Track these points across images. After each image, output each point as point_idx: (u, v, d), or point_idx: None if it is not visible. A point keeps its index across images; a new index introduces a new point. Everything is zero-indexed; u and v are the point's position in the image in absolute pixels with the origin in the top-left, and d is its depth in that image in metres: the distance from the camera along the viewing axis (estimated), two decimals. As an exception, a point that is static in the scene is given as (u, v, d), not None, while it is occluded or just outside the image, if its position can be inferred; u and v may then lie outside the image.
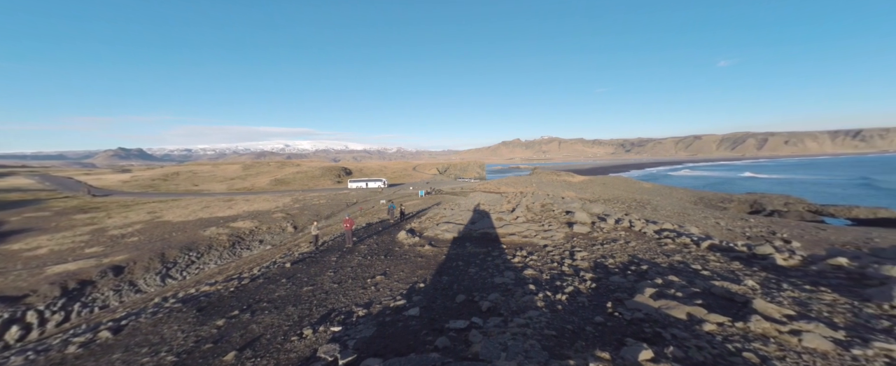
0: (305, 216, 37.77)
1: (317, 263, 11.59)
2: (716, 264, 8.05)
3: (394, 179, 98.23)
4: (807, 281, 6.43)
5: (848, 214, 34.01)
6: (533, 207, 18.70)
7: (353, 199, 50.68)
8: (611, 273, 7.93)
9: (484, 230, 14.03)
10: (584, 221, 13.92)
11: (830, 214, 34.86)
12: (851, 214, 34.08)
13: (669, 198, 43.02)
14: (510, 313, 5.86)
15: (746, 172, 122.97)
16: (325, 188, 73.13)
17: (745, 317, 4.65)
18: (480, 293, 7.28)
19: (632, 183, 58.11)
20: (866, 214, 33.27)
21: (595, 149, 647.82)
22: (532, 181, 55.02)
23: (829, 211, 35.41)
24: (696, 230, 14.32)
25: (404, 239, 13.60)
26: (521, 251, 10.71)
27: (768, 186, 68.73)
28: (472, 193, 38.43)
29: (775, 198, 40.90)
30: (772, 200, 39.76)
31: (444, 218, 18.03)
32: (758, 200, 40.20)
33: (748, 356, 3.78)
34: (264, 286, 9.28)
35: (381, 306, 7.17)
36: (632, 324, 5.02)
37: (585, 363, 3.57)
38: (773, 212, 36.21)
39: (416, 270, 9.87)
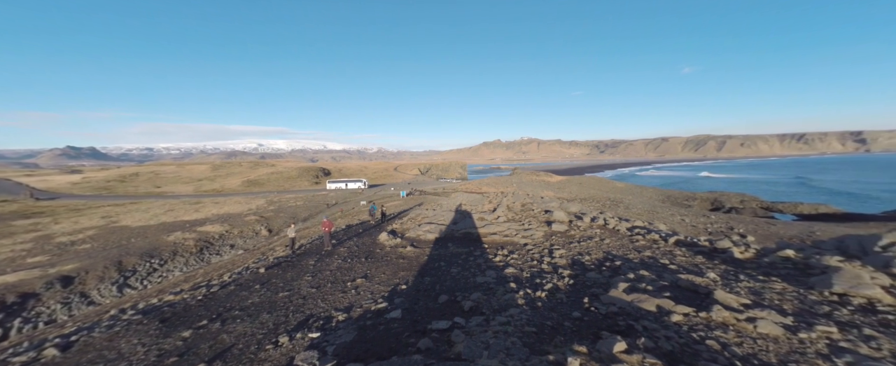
0: (281, 219, 36.27)
1: (294, 267, 11.16)
2: (682, 259, 8.58)
3: (374, 179, 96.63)
4: (760, 272, 7.01)
5: (794, 210, 37.52)
6: (513, 207, 19.06)
7: (332, 200, 49.30)
8: (587, 270, 8.24)
9: (466, 230, 14.12)
10: (562, 219, 14.38)
11: (779, 210, 38.30)
12: (797, 210, 37.63)
13: (640, 197, 45.45)
14: (492, 312, 5.93)
15: (704, 172, 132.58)
16: (303, 189, 70.61)
17: (708, 307, 4.99)
18: (463, 293, 7.31)
19: (606, 183, 60.85)
20: (809, 210, 36.87)
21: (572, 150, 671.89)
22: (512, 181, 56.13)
23: (778, 207, 38.89)
24: (664, 227, 15.21)
25: (385, 241, 13.40)
26: (502, 250, 10.88)
27: (722, 185, 74.49)
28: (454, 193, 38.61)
29: (733, 196, 44.32)
30: (729, 198, 43.05)
31: (426, 219, 17.96)
32: (718, 198, 43.38)
33: (711, 344, 4.06)
34: (236, 293, 8.79)
35: (361, 310, 7.01)
36: (607, 318, 5.24)
37: (564, 358, 3.68)
38: (730, 209, 39.21)
39: (397, 272, 9.75)
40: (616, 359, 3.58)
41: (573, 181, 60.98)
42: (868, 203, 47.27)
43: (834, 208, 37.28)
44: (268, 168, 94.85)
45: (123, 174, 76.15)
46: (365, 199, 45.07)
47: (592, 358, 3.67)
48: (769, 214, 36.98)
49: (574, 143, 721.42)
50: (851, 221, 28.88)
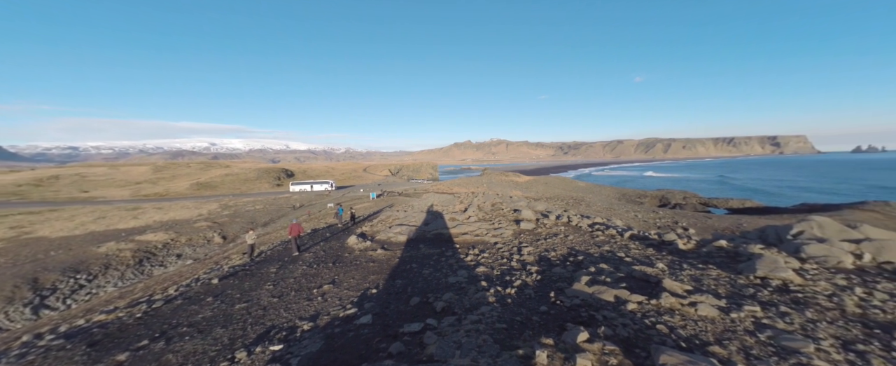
0: (237, 224, 33.57)
1: (252, 276, 10.37)
2: (635, 251, 9.34)
3: (342, 180, 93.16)
4: (699, 261, 7.86)
5: (725, 205, 42.62)
6: (484, 207, 19.45)
7: (297, 203, 46.69)
8: (553, 265, 8.65)
9: (437, 231, 14.12)
10: (530, 218, 14.95)
11: (714, 205, 43.26)
12: (728, 204, 42.80)
13: (599, 195, 48.77)
14: (464, 311, 5.99)
15: (649, 172, 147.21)
16: (263, 192, 65.98)
17: (658, 295, 5.48)
18: (435, 294, 7.30)
19: (569, 182, 64.46)
20: (737, 205, 42.10)
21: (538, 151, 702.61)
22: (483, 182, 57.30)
23: (714, 203, 43.92)
24: (620, 223, 16.44)
25: (355, 244, 12.97)
26: (473, 250, 11.03)
27: (662, 183, 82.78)
28: (426, 194, 38.51)
29: (677, 193, 49.21)
30: (674, 195, 47.75)
31: (398, 220, 17.69)
32: (665, 196, 47.92)
33: (660, 328, 4.46)
34: (184, 308, 7.96)
35: (329, 318, 6.70)
36: (571, 310, 5.53)
37: (533, 351, 3.81)
38: (675, 205, 43.53)
39: (368, 276, 9.47)
40: (579, 348, 3.79)
41: (539, 181, 63.78)
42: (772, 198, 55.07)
43: (757, 203, 42.94)
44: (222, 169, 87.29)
45: (40, 177, 65.52)
46: (332, 201, 43.28)
47: (558, 349, 3.85)
48: (706, 208, 41.62)
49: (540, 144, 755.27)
50: (770, 214, 33.51)
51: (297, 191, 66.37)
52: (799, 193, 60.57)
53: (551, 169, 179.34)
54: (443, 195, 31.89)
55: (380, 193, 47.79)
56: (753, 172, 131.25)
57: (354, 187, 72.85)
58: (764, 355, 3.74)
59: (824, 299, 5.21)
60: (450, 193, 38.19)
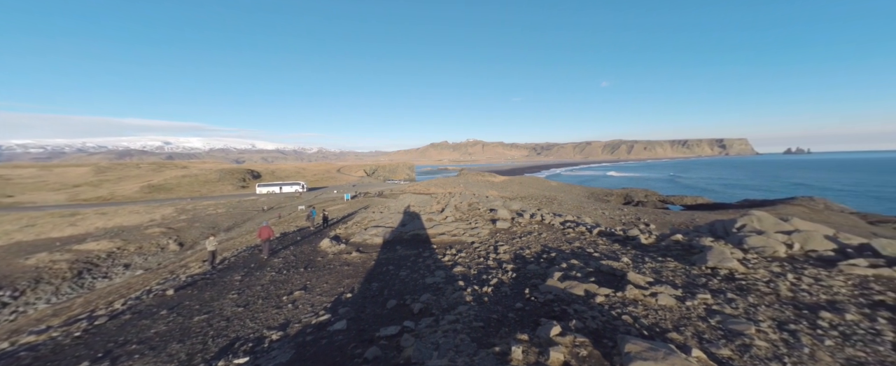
0: (196, 230, 31.12)
1: (214, 285, 9.66)
2: (603, 247, 9.87)
3: (314, 182, 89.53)
4: (659, 254, 8.47)
5: (681, 202, 46.38)
6: (461, 207, 19.59)
7: (264, 205, 44.18)
8: (528, 262, 8.90)
9: (414, 232, 14.01)
10: (505, 217, 15.29)
11: (672, 202, 46.93)
12: (683, 201, 46.61)
13: (570, 194, 51.03)
14: (441, 312, 5.98)
15: (611, 172, 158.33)
16: (225, 195, 61.71)
17: (623, 287, 5.82)
18: (412, 296, 7.23)
19: (542, 182, 66.83)
20: (691, 202, 45.97)
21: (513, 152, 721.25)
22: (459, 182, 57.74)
23: (671, 200, 47.64)
24: (589, 220, 17.29)
25: (328, 247, 12.52)
26: (450, 250, 11.07)
27: (622, 182, 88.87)
28: (402, 194, 38.06)
29: (639, 192, 52.76)
30: (637, 194, 51.16)
31: (373, 222, 17.32)
32: (628, 194, 51.20)
33: (625, 318, 4.75)
34: (133, 323, 7.23)
35: (300, 325, 6.40)
36: (545, 305, 5.72)
37: (509, 347, 3.89)
38: (638, 202, 46.63)
39: (342, 280, 9.18)
40: (553, 342, 3.93)
41: (514, 181, 65.48)
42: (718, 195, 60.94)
43: (707, 200, 47.16)
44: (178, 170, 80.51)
45: (-53, 180, 56.58)
46: (303, 203, 41.44)
47: (533, 344, 3.97)
48: (665, 205, 45.02)
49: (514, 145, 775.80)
50: (718, 210, 36.93)
51: (265, 193, 62.84)
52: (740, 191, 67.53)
53: (525, 169, 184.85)
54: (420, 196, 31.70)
55: (354, 195, 46.53)
56: (701, 171, 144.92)
57: (328, 189, 70.34)
58: (714, 339, 4.10)
59: (763, 285, 5.82)
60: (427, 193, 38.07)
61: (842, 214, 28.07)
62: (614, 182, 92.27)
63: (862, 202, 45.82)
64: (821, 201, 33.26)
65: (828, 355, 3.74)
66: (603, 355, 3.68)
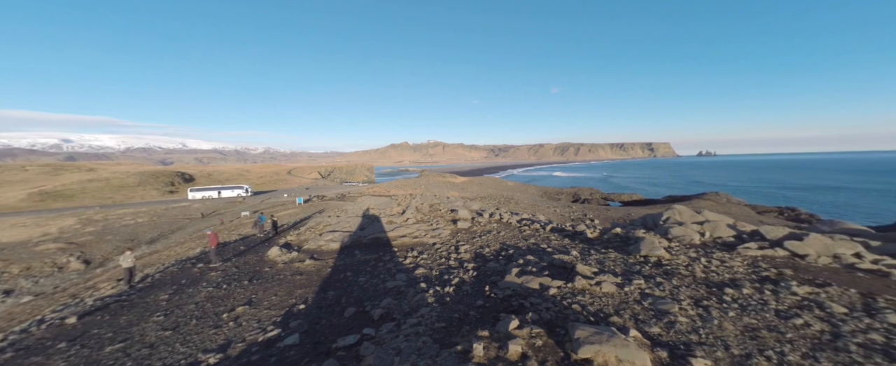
0: (108, 244, 26.48)
1: (133, 307, 8.30)
2: (555, 242, 10.61)
3: (261, 185, 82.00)
4: (602, 246, 9.37)
5: (620, 199, 51.91)
6: (422, 208, 19.51)
7: (198, 213, 39.21)
8: (487, 260, 9.19)
9: (374, 235, 13.59)
10: (466, 217, 15.61)
11: (612, 199, 52.28)
12: (621, 198, 52.22)
13: (526, 193, 53.97)
14: (403, 316, 5.88)
15: (556, 172, 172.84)
16: (148, 201, 53.45)
17: (572, 278, 6.32)
18: (372, 302, 7.00)
19: (500, 182, 69.64)
20: (628, 198, 51.71)
21: (472, 153, 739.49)
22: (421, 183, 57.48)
23: (612, 197, 53.06)
24: (543, 217, 18.44)
25: (277, 256, 11.54)
26: (412, 252, 10.96)
27: (565, 182, 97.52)
28: (361, 197, 36.67)
29: (585, 190, 57.82)
30: (583, 192, 56.00)
31: (329, 227, 16.41)
32: (576, 193, 55.80)
33: (575, 307, 5.15)
34: (14, 363, 5.88)
35: (244, 345, 5.80)
36: (504, 301, 5.95)
37: (470, 345, 3.97)
38: (584, 200, 51.06)
39: (293, 291, 8.53)
40: (511, 335, 4.10)
41: (474, 182, 67.22)
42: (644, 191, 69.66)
43: (640, 196, 53.42)
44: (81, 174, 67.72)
45: None
46: (248, 208, 37.62)
47: (493, 339, 4.10)
48: (606, 202, 49.93)
49: (474, 146, 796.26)
50: (649, 205, 42.05)
51: (199, 198, 55.76)
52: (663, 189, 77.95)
53: (485, 170, 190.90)
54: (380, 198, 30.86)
55: (308, 198, 43.58)
56: (631, 171, 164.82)
57: (277, 192, 64.82)
58: (646, 319, 4.65)
59: (683, 268, 6.77)
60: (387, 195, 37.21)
61: (738, 206, 33.93)
62: (561, 182, 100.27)
63: (752, 196, 56.10)
64: (723, 196, 39.79)
65: (730, 324, 4.47)
66: (556, 344, 3.94)
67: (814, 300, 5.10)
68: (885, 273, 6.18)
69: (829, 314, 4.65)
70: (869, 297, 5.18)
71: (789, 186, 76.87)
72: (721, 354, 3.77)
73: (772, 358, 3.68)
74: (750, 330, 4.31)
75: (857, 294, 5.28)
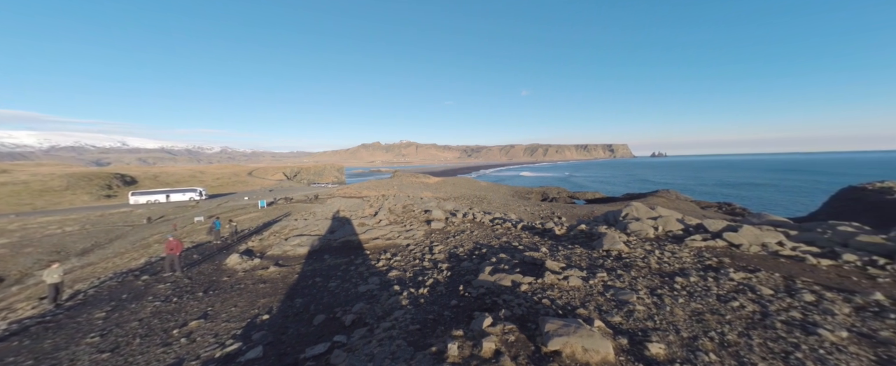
0: (28, 258, 23.00)
1: (60, 329, 7.27)
2: (526, 240, 10.97)
3: (218, 187, 75.84)
4: (569, 242, 9.86)
5: (584, 197, 55.04)
6: (395, 210, 19.21)
7: (142, 219, 35.35)
8: (461, 260, 9.27)
9: (345, 238, 13.14)
10: (440, 217, 15.62)
11: (578, 197, 55.28)
12: (585, 196, 55.40)
13: (498, 193, 55.27)
14: (376, 320, 5.74)
15: (524, 172, 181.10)
16: (79, 207, 47.18)
17: (542, 274, 6.57)
18: (343, 307, 6.75)
19: (473, 182, 70.66)
20: (592, 196, 54.98)
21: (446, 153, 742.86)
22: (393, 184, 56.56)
23: (577, 195, 56.09)
24: (514, 216, 18.98)
25: (237, 264, 10.74)
26: (385, 254, 10.75)
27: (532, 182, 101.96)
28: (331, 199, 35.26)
29: (553, 189, 60.54)
30: (551, 191, 58.61)
31: (296, 230, 15.58)
32: (545, 192, 58.24)
33: (545, 302, 5.36)
34: None
35: (198, 362, 5.32)
36: (478, 299, 6.04)
37: (445, 345, 3.97)
38: (552, 198, 53.46)
39: (256, 301, 7.98)
40: (485, 333, 4.17)
41: (448, 182, 67.54)
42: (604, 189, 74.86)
43: (602, 194, 57.03)
44: (-6, 176, 58.28)
45: None
46: (203, 213, 34.56)
47: (467, 338, 4.13)
48: (572, 200, 52.69)
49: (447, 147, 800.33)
50: (611, 202, 45.02)
51: (143, 203, 50.30)
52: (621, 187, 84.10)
53: (458, 170, 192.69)
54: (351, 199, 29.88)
55: (272, 201, 41.04)
56: (591, 171, 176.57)
57: (236, 195, 60.28)
58: (609, 309, 4.96)
59: (640, 260, 7.32)
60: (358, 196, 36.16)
61: (685, 202, 37.49)
62: (530, 181, 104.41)
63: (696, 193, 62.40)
64: (673, 193, 43.75)
65: (680, 309, 4.92)
66: (528, 338, 4.07)
67: (747, 284, 5.76)
68: (802, 258, 7.17)
69: (759, 296, 5.28)
70: (790, 279, 5.97)
71: (725, 184, 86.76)
72: (673, 337, 4.12)
73: (714, 338, 4.10)
74: (696, 314, 4.77)
75: (780, 277, 6.06)
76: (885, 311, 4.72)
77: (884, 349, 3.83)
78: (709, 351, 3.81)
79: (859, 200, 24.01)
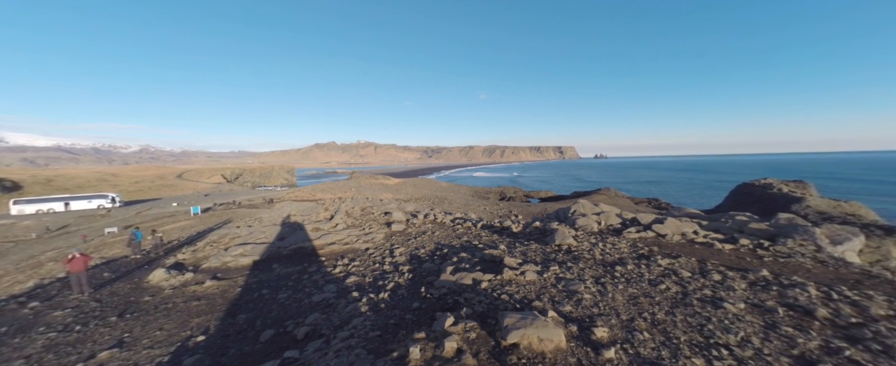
0: None
1: None
2: (486, 238, 11.31)
3: (138, 192, 65.30)
4: (524, 239, 10.40)
5: (538, 195, 58.66)
6: (353, 213, 18.41)
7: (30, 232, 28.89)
8: (423, 261, 9.21)
9: (297, 245, 12.22)
10: (401, 219, 15.36)
11: (533, 196, 58.72)
12: (539, 195, 59.10)
13: (458, 193, 56.21)
14: (333, 330, 5.43)
15: (477, 173, 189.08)
16: (-65, 220, 36.74)
17: (501, 271, 6.83)
18: (295, 320, 6.26)
19: (434, 183, 70.90)
20: (545, 195, 58.83)
21: (406, 154, 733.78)
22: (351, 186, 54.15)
23: (532, 194, 59.57)
24: (474, 216, 19.45)
25: (163, 280, 9.35)
26: (342, 260, 10.23)
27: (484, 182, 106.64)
28: (280, 203, 32.50)
29: (510, 189, 63.48)
30: (509, 191, 61.40)
31: (239, 239, 14.07)
32: (503, 191, 60.81)
33: (504, 297, 5.57)
34: None
35: (113, 399, 4.49)
36: (440, 300, 6.05)
37: (407, 349, 3.90)
38: (510, 198, 56.04)
39: (188, 321, 7.02)
40: (447, 333, 4.19)
41: (409, 183, 66.77)
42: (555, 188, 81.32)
43: (554, 193, 61.38)
44: None
45: None
46: (117, 223, 29.36)
47: (430, 339, 4.11)
48: (528, 199, 55.80)
49: (407, 148, 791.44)
50: (561, 200, 48.60)
51: (31, 213, 41.21)
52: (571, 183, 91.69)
53: (419, 171, 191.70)
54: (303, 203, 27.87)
55: (208, 207, 36.50)
56: (537, 172, 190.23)
57: (162, 201, 52.46)
58: (561, 300, 5.34)
59: (587, 253, 8.02)
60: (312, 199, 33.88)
61: (623, 199, 42.07)
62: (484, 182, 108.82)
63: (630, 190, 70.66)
64: (613, 191, 48.83)
65: (620, 295, 5.49)
66: (488, 334, 4.19)
67: (671, 269, 6.65)
68: (711, 244, 8.50)
69: (680, 279, 6.13)
70: (703, 262, 7.03)
71: (652, 182, 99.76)
72: (614, 321, 4.58)
73: (647, 318, 4.65)
74: (633, 298, 5.36)
75: (695, 261, 7.11)
76: (769, 284, 5.81)
77: (769, 316, 4.71)
78: (643, 330, 4.31)
79: (750, 194, 29.31)
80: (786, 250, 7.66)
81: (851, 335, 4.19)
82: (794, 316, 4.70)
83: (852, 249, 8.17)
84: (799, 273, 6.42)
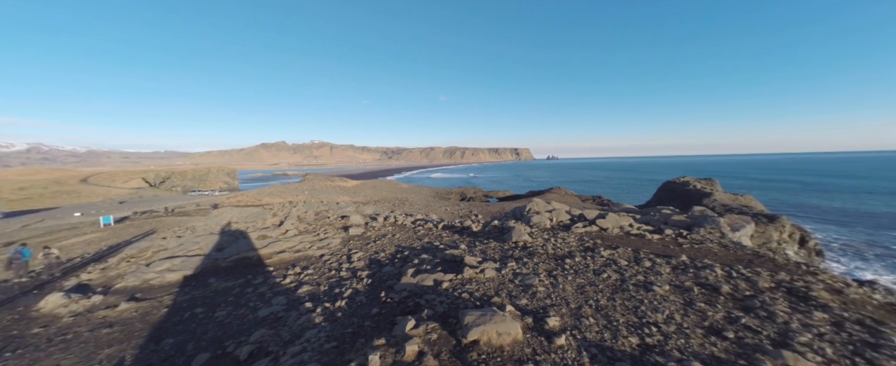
0: None
1: None
2: (447, 239, 11.40)
3: (25, 201, 53.44)
4: (484, 237, 10.71)
5: (497, 195, 60.97)
6: (305, 217, 17.22)
7: None
8: (383, 265, 8.96)
9: (239, 255, 11.04)
10: (359, 222, 14.77)
11: (492, 196, 60.81)
12: (498, 194, 61.44)
13: (419, 194, 55.89)
14: (283, 346, 5.00)
15: (436, 174, 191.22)
16: None
17: (461, 270, 6.93)
18: (237, 339, 5.64)
19: (394, 184, 69.53)
20: (503, 195, 61.33)
21: (364, 155, 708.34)
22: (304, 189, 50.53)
23: (491, 194, 61.69)
24: (435, 217, 19.49)
25: (61, 306, 7.77)
26: (294, 269, 9.49)
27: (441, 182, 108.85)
28: (220, 209, 29.05)
29: (470, 189, 65.00)
30: (469, 191, 62.83)
31: (165, 252, 12.27)
32: (463, 192, 62.00)
33: (465, 296, 5.66)
34: None
35: None
36: (400, 303, 5.93)
37: (365, 358, 3.74)
38: (470, 198, 57.35)
39: (96, 353, 5.92)
40: (408, 337, 4.12)
41: (368, 185, 64.50)
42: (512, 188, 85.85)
43: (511, 192, 64.33)
44: None
45: None
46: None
47: (390, 345, 4.00)
48: (487, 199, 57.66)
49: (366, 148, 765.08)
50: (518, 199, 51.12)
51: None
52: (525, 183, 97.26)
53: (379, 173, 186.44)
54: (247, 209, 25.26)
55: (124, 217, 31.22)
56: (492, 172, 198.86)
57: (60, 211, 43.61)
58: (517, 294, 5.60)
59: (540, 248, 8.53)
60: (258, 204, 30.88)
61: (571, 197, 45.69)
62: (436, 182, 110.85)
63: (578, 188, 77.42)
64: (563, 189, 52.79)
65: (570, 285, 5.93)
66: (450, 334, 4.21)
67: (612, 259, 7.38)
68: (643, 235, 9.63)
69: (619, 267, 6.83)
70: (636, 252, 7.93)
71: (596, 180, 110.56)
72: (565, 310, 4.93)
73: (592, 305, 5.09)
74: (580, 288, 5.83)
75: (631, 251, 7.99)
76: (687, 267, 6.76)
77: (687, 294, 5.48)
78: (589, 316, 4.71)
79: (672, 190, 33.95)
80: (699, 238, 9.02)
81: (746, 306, 5.07)
82: (705, 293, 5.54)
83: (746, 234, 9.92)
84: (708, 257, 7.60)
